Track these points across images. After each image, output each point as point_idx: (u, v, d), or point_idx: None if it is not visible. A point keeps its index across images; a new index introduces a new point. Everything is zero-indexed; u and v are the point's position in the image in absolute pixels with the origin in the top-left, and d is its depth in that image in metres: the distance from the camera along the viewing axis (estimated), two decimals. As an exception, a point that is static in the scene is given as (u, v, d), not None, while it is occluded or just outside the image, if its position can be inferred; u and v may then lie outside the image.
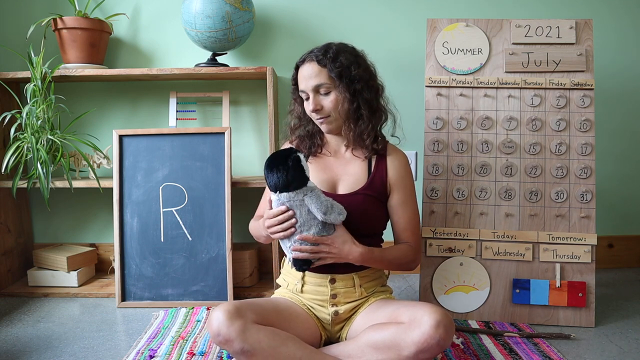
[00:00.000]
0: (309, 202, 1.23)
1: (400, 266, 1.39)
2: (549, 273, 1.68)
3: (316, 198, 1.23)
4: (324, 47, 1.37)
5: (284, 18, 2.17)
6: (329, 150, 1.47)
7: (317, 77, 1.34)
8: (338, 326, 1.39)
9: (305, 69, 1.37)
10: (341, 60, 1.34)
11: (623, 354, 1.46)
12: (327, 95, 1.36)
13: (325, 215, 1.23)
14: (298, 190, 1.23)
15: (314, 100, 1.36)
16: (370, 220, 1.38)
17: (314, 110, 1.37)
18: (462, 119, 1.75)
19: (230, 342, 1.14)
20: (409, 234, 1.42)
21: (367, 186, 1.39)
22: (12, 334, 1.61)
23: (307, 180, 1.25)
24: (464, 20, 1.79)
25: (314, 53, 1.36)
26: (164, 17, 2.16)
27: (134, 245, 1.87)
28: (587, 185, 1.70)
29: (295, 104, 1.48)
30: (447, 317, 1.17)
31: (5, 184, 1.96)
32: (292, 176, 1.22)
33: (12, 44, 2.10)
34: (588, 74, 1.73)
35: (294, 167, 1.23)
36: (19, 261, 2.14)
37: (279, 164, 1.24)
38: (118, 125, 2.17)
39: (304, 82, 1.37)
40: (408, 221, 1.42)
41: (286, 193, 1.24)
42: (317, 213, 1.23)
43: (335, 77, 1.33)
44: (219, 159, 1.89)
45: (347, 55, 1.36)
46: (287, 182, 1.23)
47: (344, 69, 1.34)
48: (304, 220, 1.24)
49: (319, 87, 1.35)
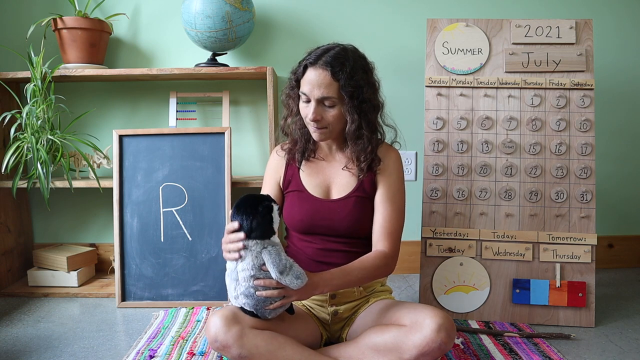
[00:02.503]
0: (266, 257, 1.14)
1: (372, 278, 1.30)
2: (549, 273, 1.68)
3: (276, 254, 1.14)
4: (340, 54, 1.28)
5: (284, 18, 2.17)
6: (321, 154, 1.44)
7: (326, 89, 1.26)
8: (338, 326, 1.39)
9: (315, 74, 1.27)
10: (356, 79, 1.26)
11: (623, 354, 1.46)
12: (331, 108, 1.29)
13: (280, 275, 1.13)
14: (259, 240, 1.15)
15: (316, 110, 1.28)
16: (363, 223, 1.36)
17: (314, 120, 1.30)
18: (462, 119, 1.75)
19: (227, 347, 1.14)
20: (384, 235, 1.32)
21: (357, 188, 1.37)
22: (12, 334, 1.61)
23: (272, 234, 1.17)
24: (464, 20, 1.79)
25: (329, 61, 1.26)
26: (164, 17, 2.16)
27: (134, 245, 1.87)
28: (587, 185, 1.70)
29: (289, 99, 1.39)
30: (449, 320, 1.16)
31: (5, 184, 1.96)
32: (257, 224, 1.14)
33: (12, 44, 2.10)
34: (588, 74, 1.73)
35: (262, 215, 1.15)
36: (19, 261, 2.14)
37: (248, 207, 1.16)
38: (118, 125, 2.17)
39: (309, 87, 1.28)
40: (385, 220, 1.33)
41: (245, 240, 1.16)
42: (272, 270, 1.14)
43: (345, 96, 1.26)
44: (219, 159, 1.89)
45: (361, 73, 1.28)
46: (250, 228, 1.15)
47: (357, 90, 1.27)
48: (252, 269, 1.15)
49: (325, 99, 1.28)
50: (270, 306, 1.17)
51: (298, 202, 1.39)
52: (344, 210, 1.35)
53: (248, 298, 1.17)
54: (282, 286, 1.15)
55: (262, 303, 1.17)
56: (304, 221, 1.36)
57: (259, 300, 1.16)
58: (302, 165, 1.42)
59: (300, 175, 1.42)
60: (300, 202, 1.38)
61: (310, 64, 1.29)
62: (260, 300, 1.16)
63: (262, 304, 1.17)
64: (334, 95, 1.27)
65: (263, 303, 1.17)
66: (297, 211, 1.38)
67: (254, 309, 1.18)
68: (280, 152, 1.47)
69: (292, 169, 1.43)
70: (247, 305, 1.18)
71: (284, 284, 1.14)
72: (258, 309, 1.18)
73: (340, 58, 1.27)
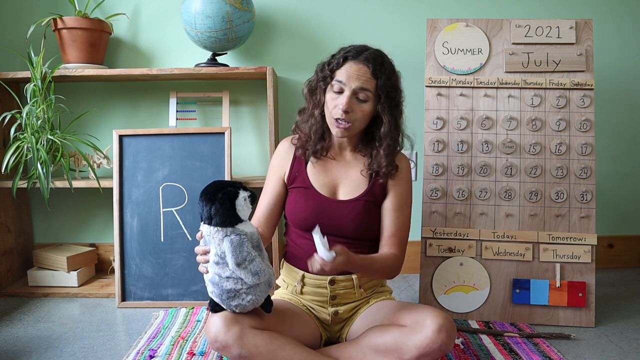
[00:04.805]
0: (226, 246, 1.09)
1: (383, 276, 1.37)
2: (549, 273, 1.68)
3: (237, 244, 1.09)
4: (378, 55, 1.31)
5: (284, 18, 2.17)
6: (332, 153, 1.42)
7: (366, 82, 1.28)
8: (338, 326, 1.39)
9: (356, 67, 1.29)
10: (393, 81, 1.31)
11: (623, 354, 1.46)
12: (364, 103, 1.30)
13: (237, 267, 1.09)
14: (220, 228, 1.11)
15: (349, 101, 1.27)
16: (370, 227, 1.37)
17: (344, 110, 1.28)
18: (462, 119, 1.75)
19: (227, 348, 1.14)
20: (395, 241, 1.36)
21: (368, 192, 1.37)
22: (12, 334, 1.61)
23: (236, 221, 1.12)
24: (464, 20, 1.79)
25: (369, 59, 1.28)
26: (164, 17, 2.16)
27: (134, 245, 1.87)
28: (587, 185, 1.70)
29: (316, 90, 1.35)
30: (449, 321, 1.16)
31: (5, 184, 1.96)
32: (215, 211, 1.10)
33: (12, 44, 2.10)
34: (588, 74, 1.73)
35: (221, 202, 1.10)
36: (19, 261, 2.14)
37: (207, 194, 1.12)
38: (118, 125, 2.17)
39: (350, 78, 1.28)
40: (397, 228, 1.37)
41: (207, 226, 1.13)
42: (229, 260, 1.09)
43: (382, 95, 1.29)
44: (219, 159, 1.89)
45: (395, 78, 1.33)
46: (209, 216, 1.11)
47: (393, 91, 1.31)
48: (215, 256, 1.12)
49: (362, 90, 1.28)
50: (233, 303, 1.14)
51: (303, 199, 1.37)
52: (352, 212, 1.34)
53: (215, 286, 1.14)
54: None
55: (227, 293, 1.13)
56: (308, 219, 1.35)
57: (223, 290, 1.13)
58: (310, 162, 1.41)
59: (307, 171, 1.40)
60: (305, 199, 1.37)
61: (351, 57, 1.30)
62: (225, 290, 1.13)
63: (226, 294, 1.13)
64: (371, 89, 1.29)
65: (227, 294, 1.13)
66: (302, 208, 1.37)
67: (218, 298, 1.15)
68: (289, 143, 1.44)
69: (300, 164, 1.41)
70: (214, 294, 1.15)
71: (239, 277, 1.11)
72: (223, 300, 1.14)
73: (379, 58, 1.31)
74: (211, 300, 1.17)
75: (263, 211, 1.41)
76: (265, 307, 1.20)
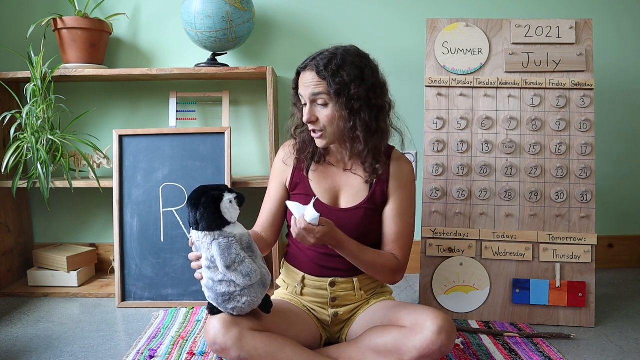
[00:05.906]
0: (215, 249, 1.10)
1: (379, 272, 1.31)
2: (549, 273, 1.68)
3: (225, 247, 1.10)
4: (329, 55, 1.27)
5: (284, 18, 2.17)
6: (332, 159, 1.41)
7: (315, 87, 1.26)
8: (338, 327, 1.39)
9: (304, 75, 1.29)
10: (342, 75, 1.24)
11: (623, 354, 1.46)
12: (324, 107, 1.28)
13: (227, 270, 1.10)
14: (207, 232, 1.12)
15: (310, 110, 1.28)
16: (370, 234, 1.36)
17: (309, 121, 1.29)
18: (462, 118, 1.75)
19: (227, 350, 1.14)
20: (397, 247, 1.35)
21: (368, 199, 1.35)
22: (12, 334, 1.61)
23: (223, 224, 1.12)
24: (464, 20, 1.79)
25: (316, 61, 1.27)
26: (164, 17, 2.16)
27: (134, 245, 1.87)
28: (587, 185, 1.70)
29: (295, 109, 1.40)
30: (449, 322, 1.16)
31: (5, 184, 1.96)
32: (201, 216, 1.10)
33: (12, 44, 2.10)
34: (588, 74, 1.73)
35: (205, 206, 1.10)
36: (19, 261, 2.14)
37: (193, 199, 1.12)
38: (118, 125, 2.17)
39: (302, 88, 1.29)
40: (399, 234, 1.35)
41: (195, 232, 1.13)
42: (218, 264, 1.10)
43: (333, 93, 1.25)
44: (219, 159, 1.89)
45: (352, 68, 1.26)
46: (195, 221, 1.11)
47: (343, 86, 1.24)
48: (206, 260, 1.12)
49: (317, 96, 1.27)
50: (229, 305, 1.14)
51: None
52: (352, 220, 1.33)
53: (210, 291, 1.14)
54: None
55: (222, 297, 1.13)
56: None
57: (217, 294, 1.13)
58: (311, 168, 1.40)
59: (309, 178, 1.39)
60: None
61: (301, 69, 1.31)
62: (220, 293, 1.13)
63: (221, 297, 1.13)
64: (323, 91, 1.26)
65: (222, 297, 1.13)
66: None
67: (215, 302, 1.15)
68: (290, 149, 1.44)
69: (301, 171, 1.40)
70: (210, 298, 1.15)
71: (231, 279, 1.11)
72: (219, 303, 1.15)
73: (326, 58, 1.27)
74: (209, 303, 1.17)
75: (266, 217, 1.41)
76: (264, 308, 1.20)
